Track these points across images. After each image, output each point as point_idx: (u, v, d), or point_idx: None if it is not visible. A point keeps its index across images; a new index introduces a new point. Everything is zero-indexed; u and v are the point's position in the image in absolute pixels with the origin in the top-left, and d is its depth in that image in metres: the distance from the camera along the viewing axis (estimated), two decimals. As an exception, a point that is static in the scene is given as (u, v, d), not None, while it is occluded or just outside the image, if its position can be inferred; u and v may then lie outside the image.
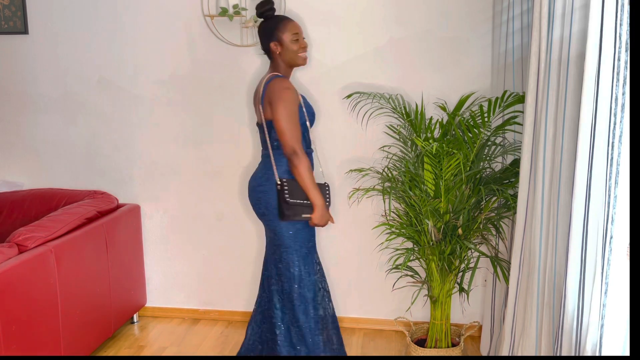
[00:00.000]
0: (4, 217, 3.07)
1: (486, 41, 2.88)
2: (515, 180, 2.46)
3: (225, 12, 2.93)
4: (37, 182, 3.36)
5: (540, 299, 1.94)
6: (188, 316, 3.37)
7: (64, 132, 3.30)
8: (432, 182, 2.52)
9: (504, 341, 2.26)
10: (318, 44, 3.00)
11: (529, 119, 2.03)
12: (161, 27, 3.11)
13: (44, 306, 2.35)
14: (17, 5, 3.17)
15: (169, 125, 3.20)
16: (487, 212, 2.51)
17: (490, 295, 2.77)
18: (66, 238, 2.54)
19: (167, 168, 3.25)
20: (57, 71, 3.24)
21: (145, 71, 3.17)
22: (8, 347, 2.13)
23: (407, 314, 3.11)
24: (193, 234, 3.30)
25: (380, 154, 3.02)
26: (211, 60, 3.10)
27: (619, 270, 1.45)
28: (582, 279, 1.62)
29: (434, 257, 2.58)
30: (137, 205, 3.23)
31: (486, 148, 2.60)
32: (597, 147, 1.52)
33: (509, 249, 2.61)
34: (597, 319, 1.52)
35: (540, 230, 1.92)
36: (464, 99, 2.57)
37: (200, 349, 2.98)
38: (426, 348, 2.70)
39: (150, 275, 3.36)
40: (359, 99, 2.93)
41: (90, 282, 2.71)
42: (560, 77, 1.78)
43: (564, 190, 1.75)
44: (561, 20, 1.77)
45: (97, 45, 3.18)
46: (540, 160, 1.91)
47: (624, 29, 1.42)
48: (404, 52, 2.95)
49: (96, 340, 2.80)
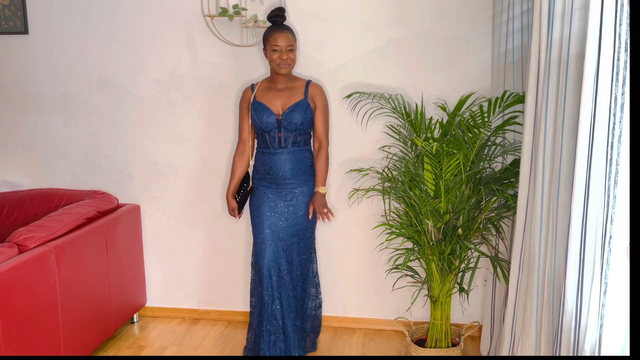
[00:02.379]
0: (4, 217, 3.07)
1: (486, 41, 2.88)
2: (515, 180, 2.46)
3: (225, 12, 2.93)
4: (37, 182, 3.36)
5: (539, 299, 1.94)
6: (188, 316, 3.37)
7: (64, 132, 3.30)
8: (432, 182, 2.52)
9: (504, 341, 2.26)
10: (318, 44, 3.00)
11: (529, 119, 2.03)
12: (161, 27, 3.11)
13: (44, 306, 2.35)
14: (17, 5, 3.18)
15: (169, 125, 3.20)
16: (487, 212, 2.51)
17: (490, 295, 2.77)
18: (66, 238, 2.54)
19: (167, 168, 3.25)
20: (57, 71, 3.24)
21: (145, 71, 3.17)
22: (8, 347, 2.13)
23: (407, 314, 3.11)
24: (193, 234, 3.30)
25: (380, 154, 3.02)
26: (211, 60, 3.10)
27: (618, 270, 1.45)
28: (581, 279, 1.62)
29: (434, 257, 2.58)
30: (137, 205, 3.23)
31: (486, 148, 2.60)
32: (597, 147, 1.52)
33: (509, 249, 2.61)
34: (596, 318, 1.52)
35: (540, 230, 1.92)
36: (464, 99, 2.57)
37: (200, 349, 2.98)
38: (426, 348, 2.70)
39: (150, 275, 3.36)
40: (359, 98, 2.93)
41: (90, 282, 2.71)
42: (560, 77, 1.78)
43: (564, 190, 1.75)
44: (561, 20, 1.77)
45: (97, 45, 3.18)
46: (540, 160, 1.91)
47: (623, 29, 1.42)
48: (404, 52, 2.96)
49: (96, 340, 2.80)
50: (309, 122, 2.66)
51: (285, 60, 2.56)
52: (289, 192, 2.67)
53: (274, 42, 2.55)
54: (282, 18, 2.63)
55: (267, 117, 2.62)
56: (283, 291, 2.67)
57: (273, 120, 2.62)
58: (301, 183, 2.67)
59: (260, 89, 2.70)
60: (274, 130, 2.63)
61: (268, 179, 2.68)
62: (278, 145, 2.64)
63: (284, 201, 2.67)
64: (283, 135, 2.63)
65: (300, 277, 2.74)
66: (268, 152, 2.66)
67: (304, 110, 2.63)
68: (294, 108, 2.62)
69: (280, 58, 2.56)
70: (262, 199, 2.69)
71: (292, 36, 2.60)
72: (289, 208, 2.67)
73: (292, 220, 2.67)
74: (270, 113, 2.63)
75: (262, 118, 2.63)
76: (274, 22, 2.62)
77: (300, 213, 2.68)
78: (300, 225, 2.69)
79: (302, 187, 2.67)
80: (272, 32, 2.58)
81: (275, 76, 2.66)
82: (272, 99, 2.65)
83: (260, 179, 2.71)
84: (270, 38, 2.57)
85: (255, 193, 2.72)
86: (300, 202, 2.67)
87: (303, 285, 2.77)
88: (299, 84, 2.69)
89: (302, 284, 2.76)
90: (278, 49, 2.55)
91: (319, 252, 3.18)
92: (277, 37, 2.55)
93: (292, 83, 2.69)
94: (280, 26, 2.61)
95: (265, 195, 2.69)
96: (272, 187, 2.68)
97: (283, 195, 2.67)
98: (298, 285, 2.73)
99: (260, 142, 2.71)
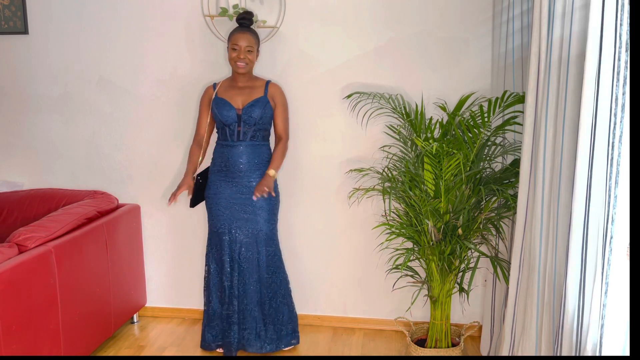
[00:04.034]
0: (4, 217, 3.07)
1: (486, 41, 2.88)
2: (515, 180, 2.46)
3: (225, 12, 2.93)
4: (37, 182, 3.36)
5: (540, 299, 1.94)
6: (188, 316, 3.37)
7: (63, 132, 3.30)
8: (432, 182, 2.52)
9: (504, 341, 2.26)
10: (318, 44, 3.00)
11: (529, 119, 2.03)
12: (161, 27, 3.11)
13: (44, 306, 2.35)
14: (17, 5, 3.17)
15: (169, 125, 3.20)
16: (487, 212, 2.51)
17: (490, 295, 2.77)
18: (66, 238, 2.54)
19: (167, 168, 3.25)
20: (57, 71, 3.24)
21: (145, 71, 3.17)
22: (8, 347, 2.13)
23: (407, 314, 3.11)
24: (193, 234, 3.29)
25: (380, 154, 3.02)
26: (211, 60, 3.10)
27: (619, 270, 1.45)
28: (582, 279, 1.62)
29: (434, 257, 2.58)
30: (137, 205, 3.23)
31: (486, 148, 2.60)
32: (597, 147, 1.52)
33: (509, 249, 2.61)
34: (597, 319, 1.52)
35: (540, 230, 1.92)
36: (464, 99, 2.57)
37: (200, 349, 2.98)
38: (426, 348, 2.70)
39: (150, 275, 3.36)
40: (359, 99, 2.93)
41: (90, 282, 2.71)
42: (560, 77, 1.78)
43: (564, 190, 1.75)
44: (561, 20, 1.77)
45: (97, 45, 3.18)
46: (540, 160, 1.91)
47: (624, 29, 1.42)
48: (404, 52, 2.96)
49: (96, 340, 2.80)
50: (267, 118, 2.79)
51: (242, 59, 2.70)
52: (245, 185, 2.77)
53: (234, 41, 2.69)
54: (248, 22, 2.77)
55: (227, 111, 2.75)
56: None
57: (234, 115, 2.75)
58: (257, 177, 2.78)
59: (222, 87, 2.85)
60: (234, 124, 2.75)
61: (225, 171, 2.78)
62: (237, 138, 2.76)
63: (239, 194, 2.77)
64: (242, 129, 2.76)
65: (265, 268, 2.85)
66: (227, 145, 2.78)
67: (264, 106, 2.77)
68: (253, 103, 2.76)
69: (237, 57, 2.70)
70: (218, 194, 2.80)
71: (254, 38, 2.73)
72: (244, 201, 2.77)
73: (251, 213, 2.77)
74: (230, 107, 2.76)
75: (222, 112, 2.76)
76: (240, 24, 2.76)
77: (257, 207, 2.77)
78: (259, 217, 2.78)
79: (259, 180, 2.77)
80: (235, 32, 2.72)
81: (235, 75, 2.80)
82: (234, 96, 2.80)
83: (217, 172, 2.81)
84: (232, 37, 2.72)
85: (211, 187, 2.83)
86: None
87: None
88: (259, 84, 2.83)
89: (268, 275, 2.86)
90: (237, 49, 2.69)
91: (319, 252, 3.18)
92: (238, 38, 2.70)
93: (252, 82, 2.83)
94: (243, 28, 2.75)
95: (220, 190, 2.79)
96: (227, 181, 2.78)
97: (239, 189, 2.77)
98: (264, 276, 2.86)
99: (220, 136, 2.83)
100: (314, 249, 3.16)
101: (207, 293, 2.89)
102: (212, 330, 2.89)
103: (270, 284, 2.84)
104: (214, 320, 2.88)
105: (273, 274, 2.84)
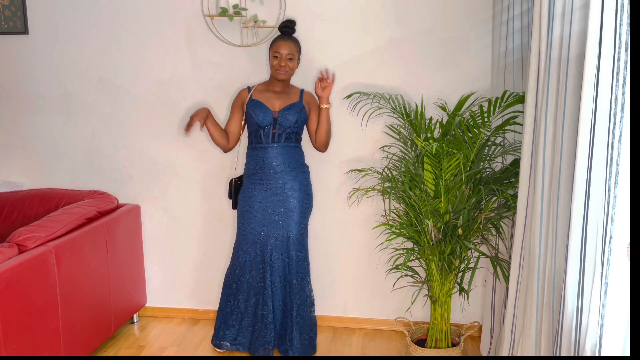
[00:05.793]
0: (4, 217, 3.07)
1: (486, 41, 2.88)
2: (515, 180, 2.46)
3: (225, 12, 2.93)
4: (37, 182, 3.36)
5: (540, 299, 1.94)
6: (188, 316, 3.37)
7: (64, 132, 3.30)
8: (432, 182, 2.52)
9: (504, 341, 2.26)
10: (318, 44, 3.00)
11: (529, 119, 2.03)
12: (161, 27, 3.11)
13: (44, 306, 2.35)
14: (17, 5, 3.17)
15: (169, 125, 3.20)
16: (487, 212, 2.51)
17: (490, 295, 2.77)
18: (66, 238, 2.54)
19: (167, 168, 3.25)
20: (57, 71, 3.24)
21: (145, 71, 3.17)
22: (8, 347, 2.13)
23: (407, 314, 3.11)
24: (193, 234, 3.30)
25: (380, 154, 3.02)
26: (211, 61, 3.10)
27: (618, 270, 1.46)
28: (581, 279, 1.62)
29: (434, 257, 2.58)
30: (137, 205, 3.23)
31: (486, 148, 2.60)
32: (597, 147, 1.52)
33: (509, 249, 2.61)
34: (596, 319, 1.52)
35: (540, 230, 1.92)
36: (464, 99, 2.57)
37: (200, 349, 2.98)
38: (426, 348, 2.70)
39: (150, 275, 3.36)
40: (359, 99, 2.93)
41: (90, 282, 2.71)
42: (560, 77, 1.78)
43: (564, 190, 1.76)
44: (561, 20, 1.77)
45: (97, 45, 3.18)
46: (540, 160, 1.91)
47: (623, 29, 1.42)
48: (404, 52, 2.96)
49: (96, 340, 2.80)
50: (301, 122, 2.82)
51: (283, 67, 2.73)
52: (278, 187, 2.77)
53: (276, 49, 2.72)
54: (290, 30, 2.79)
55: (264, 114, 2.76)
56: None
57: (270, 117, 2.76)
58: (291, 179, 2.78)
59: (257, 91, 2.85)
60: (269, 126, 2.76)
61: (259, 174, 2.78)
62: (271, 139, 2.77)
63: (272, 196, 2.77)
64: (277, 132, 2.77)
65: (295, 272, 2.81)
66: (261, 147, 2.79)
67: (299, 111, 2.79)
68: (290, 107, 2.79)
69: (279, 64, 2.72)
70: (252, 197, 2.79)
71: (295, 46, 2.75)
72: (277, 203, 2.77)
73: (283, 215, 2.77)
74: (267, 110, 2.77)
75: (259, 114, 2.76)
76: (283, 32, 2.79)
77: (289, 208, 2.77)
78: (290, 220, 2.78)
79: (293, 183, 2.78)
80: (277, 40, 2.75)
81: (273, 80, 2.83)
82: (270, 99, 2.81)
83: (250, 175, 2.81)
84: (274, 45, 2.74)
85: (245, 191, 2.83)
86: (290, 197, 2.77)
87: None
88: (295, 90, 2.87)
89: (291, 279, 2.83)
90: (278, 56, 2.72)
91: (319, 252, 3.18)
92: (280, 45, 2.72)
93: (288, 89, 2.87)
94: (285, 36, 2.77)
95: (254, 194, 2.79)
96: (261, 184, 2.78)
97: (273, 191, 2.77)
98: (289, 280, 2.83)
99: (253, 139, 2.83)
100: (314, 249, 3.16)
101: (228, 292, 2.88)
102: (229, 329, 2.88)
103: (299, 290, 2.80)
104: (232, 319, 2.87)
105: (302, 280, 2.81)
